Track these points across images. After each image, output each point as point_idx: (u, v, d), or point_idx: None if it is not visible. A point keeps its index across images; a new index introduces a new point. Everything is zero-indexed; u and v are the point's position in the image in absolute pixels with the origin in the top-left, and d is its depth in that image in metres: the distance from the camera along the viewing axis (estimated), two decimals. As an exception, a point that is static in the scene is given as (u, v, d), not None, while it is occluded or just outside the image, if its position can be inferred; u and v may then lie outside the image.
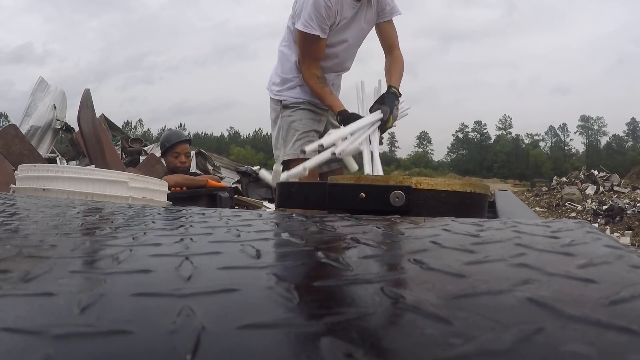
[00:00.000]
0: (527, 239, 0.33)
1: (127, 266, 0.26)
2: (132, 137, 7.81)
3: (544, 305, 0.19)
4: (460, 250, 0.30)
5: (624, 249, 0.29)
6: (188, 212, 0.52)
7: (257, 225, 0.42)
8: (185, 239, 0.35)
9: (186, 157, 3.37)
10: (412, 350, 0.15)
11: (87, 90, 2.75)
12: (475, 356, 0.15)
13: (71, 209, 0.57)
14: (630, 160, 51.52)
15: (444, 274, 0.24)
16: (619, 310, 0.18)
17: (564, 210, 10.87)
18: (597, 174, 16.21)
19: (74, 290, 0.22)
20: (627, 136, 71.52)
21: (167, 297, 0.21)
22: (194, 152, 7.02)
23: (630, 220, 8.54)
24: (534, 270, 0.24)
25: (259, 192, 6.91)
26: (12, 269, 0.26)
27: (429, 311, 0.18)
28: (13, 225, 0.42)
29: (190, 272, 0.25)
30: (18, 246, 0.32)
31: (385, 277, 0.24)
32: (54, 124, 5.80)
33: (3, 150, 2.78)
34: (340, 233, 0.38)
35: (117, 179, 1.38)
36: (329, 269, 0.26)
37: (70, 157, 6.27)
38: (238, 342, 0.16)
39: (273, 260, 0.29)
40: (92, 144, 2.62)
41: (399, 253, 0.31)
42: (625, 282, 0.22)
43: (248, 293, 0.21)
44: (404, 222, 0.43)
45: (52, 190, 1.31)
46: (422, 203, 0.75)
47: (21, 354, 0.15)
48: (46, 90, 5.90)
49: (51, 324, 0.17)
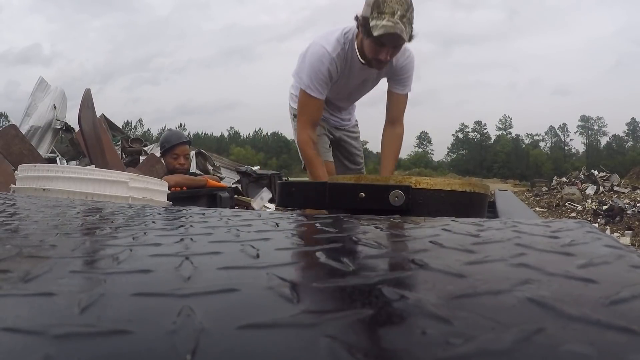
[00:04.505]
0: (527, 239, 0.33)
1: (127, 266, 0.26)
2: (132, 137, 7.81)
3: (544, 305, 0.19)
4: (460, 250, 0.30)
5: (624, 249, 0.29)
6: (188, 212, 0.52)
7: (257, 225, 0.42)
8: (185, 239, 0.35)
9: (185, 159, 3.36)
10: (412, 350, 0.15)
11: (88, 90, 2.75)
12: (475, 356, 0.15)
13: (71, 209, 0.57)
14: (630, 160, 51.55)
15: (444, 274, 0.24)
16: (619, 310, 0.18)
17: (564, 211, 10.87)
18: (597, 174, 16.21)
19: (74, 290, 0.22)
20: (627, 136, 71.59)
21: (167, 297, 0.21)
22: (194, 152, 7.02)
23: (630, 220, 8.53)
24: (534, 270, 0.24)
25: (259, 192, 6.91)
26: (12, 269, 0.26)
27: (429, 311, 0.18)
28: (13, 225, 0.42)
29: (190, 272, 0.25)
30: (18, 246, 0.32)
31: (385, 277, 0.24)
32: (54, 124, 5.80)
33: (3, 150, 2.78)
34: (340, 233, 0.38)
35: (117, 179, 1.38)
36: (329, 268, 0.26)
37: (70, 157, 6.27)
38: (238, 342, 0.16)
39: (273, 260, 0.29)
40: (92, 144, 2.62)
41: (399, 253, 0.31)
42: (625, 282, 0.22)
43: (248, 293, 0.21)
44: (403, 222, 0.43)
45: (52, 190, 1.31)
46: (421, 203, 0.75)
47: (21, 354, 0.15)
48: (46, 90, 5.90)
49: (51, 324, 0.17)
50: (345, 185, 0.78)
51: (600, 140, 72.47)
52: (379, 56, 1.90)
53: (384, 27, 1.78)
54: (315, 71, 1.97)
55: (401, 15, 1.78)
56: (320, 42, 2.00)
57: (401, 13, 1.78)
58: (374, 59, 1.93)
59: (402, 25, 1.78)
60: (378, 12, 1.79)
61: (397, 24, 1.78)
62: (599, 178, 15.32)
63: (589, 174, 16.29)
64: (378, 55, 1.89)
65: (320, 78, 1.97)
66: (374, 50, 1.89)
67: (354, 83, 2.13)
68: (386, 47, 1.86)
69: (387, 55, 1.90)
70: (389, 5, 1.78)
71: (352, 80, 2.10)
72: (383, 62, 1.94)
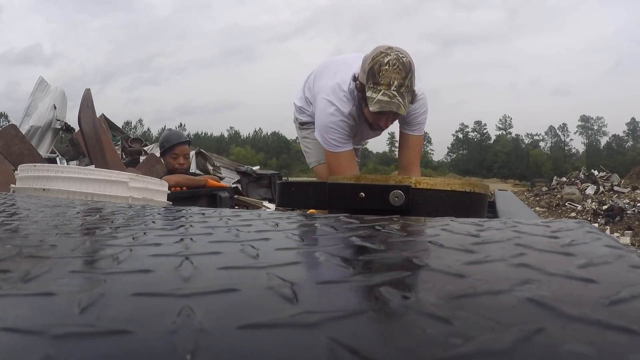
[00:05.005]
0: (527, 239, 0.33)
1: (127, 266, 0.26)
2: (132, 137, 7.81)
3: (544, 305, 0.19)
4: (460, 250, 0.30)
5: (624, 249, 0.29)
6: (188, 212, 0.52)
7: (257, 225, 0.42)
8: (185, 239, 0.35)
9: (185, 159, 3.36)
10: (412, 350, 0.15)
11: (88, 90, 2.75)
12: (475, 356, 0.15)
13: (71, 209, 0.57)
14: (630, 160, 51.57)
15: (444, 274, 0.24)
16: (619, 310, 0.18)
17: (564, 210, 10.87)
18: (597, 174, 16.21)
19: (74, 290, 0.22)
20: (627, 136, 71.65)
21: (167, 297, 0.21)
22: (194, 152, 7.03)
23: (630, 220, 8.53)
24: (534, 270, 0.24)
25: (259, 192, 6.92)
26: (12, 269, 0.26)
27: (429, 311, 0.18)
28: (13, 225, 0.42)
29: (190, 272, 0.24)
30: (18, 246, 0.32)
31: (385, 277, 0.24)
32: (54, 124, 5.80)
33: (3, 150, 2.78)
34: (339, 233, 0.38)
35: (117, 179, 1.38)
36: (329, 268, 0.26)
37: (70, 157, 6.27)
38: (238, 342, 0.16)
39: (273, 260, 0.29)
40: (92, 144, 2.62)
41: (398, 253, 0.31)
42: (625, 282, 0.22)
43: (248, 293, 0.21)
44: (403, 222, 0.43)
45: (52, 190, 1.31)
46: (421, 203, 0.75)
47: (21, 354, 0.15)
48: (46, 90, 5.89)
49: (51, 324, 0.17)
50: (345, 185, 0.78)
51: (600, 140, 72.58)
52: (379, 123, 1.84)
53: (379, 102, 1.68)
54: (334, 128, 1.89)
55: (399, 85, 1.66)
56: (330, 99, 1.88)
57: (398, 83, 1.66)
58: (375, 124, 1.87)
59: (399, 98, 1.67)
60: (374, 83, 1.68)
61: (393, 97, 1.66)
62: (599, 178, 15.33)
63: (589, 174, 16.29)
64: (378, 122, 1.83)
65: (340, 133, 1.89)
66: (373, 118, 1.81)
67: (366, 132, 2.07)
68: (385, 115, 1.78)
69: (387, 122, 1.84)
70: (385, 75, 1.65)
71: (364, 131, 2.04)
72: (384, 128, 1.89)
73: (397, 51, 1.70)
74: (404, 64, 1.67)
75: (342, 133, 1.89)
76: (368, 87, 1.70)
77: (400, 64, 1.67)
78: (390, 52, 1.68)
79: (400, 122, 2.02)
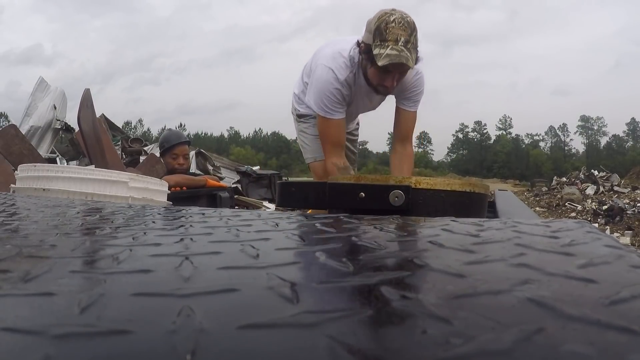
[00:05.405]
0: (527, 239, 0.33)
1: (127, 266, 0.26)
2: (132, 137, 7.81)
3: (544, 305, 0.19)
4: (460, 250, 0.30)
5: (624, 249, 0.29)
6: (188, 212, 0.52)
7: (257, 225, 0.42)
8: (185, 239, 0.35)
9: (184, 159, 3.37)
10: (412, 350, 0.15)
11: (87, 90, 2.75)
12: (475, 356, 0.15)
13: (71, 209, 0.57)
14: (630, 160, 51.59)
15: (444, 274, 0.24)
16: (619, 310, 0.18)
17: (564, 210, 10.86)
18: (597, 174, 16.21)
19: (74, 290, 0.22)
20: (627, 136, 71.67)
21: (167, 297, 0.21)
22: (194, 152, 7.03)
23: (630, 220, 8.53)
24: (534, 270, 0.24)
25: (259, 192, 6.92)
26: (12, 269, 0.26)
27: (429, 311, 0.18)
28: (13, 225, 0.42)
29: (190, 272, 0.24)
30: (18, 246, 0.32)
31: (385, 277, 0.24)
32: (54, 124, 5.80)
33: (3, 150, 2.78)
34: (339, 233, 0.38)
35: (117, 179, 1.38)
36: (329, 269, 0.26)
37: (70, 157, 6.27)
38: (238, 342, 0.16)
39: (273, 260, 0.29)
40: (92, 144, 2.62)
41: (398, 253, 0.31)
42: (625, 282, 0.22)
43: (248, 293, 0.21)
44: (403, 222, 0.43)
45: (52, 190, 1.31)
46: (421, 203, 0.75)
47: (21, 354, 0.15)
48: (46, 90, 5.89)
49: (51, 324, 0.17)
50: (345, 185, 0.78)
51: (600, 140, 72.61)
52: (385, 83, 1.85)
53: (388, 56, 1.72)
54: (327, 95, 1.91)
55: (405, 41, 1.71)
56: (329, 65, 1.92)
57: (405, 39, 1.71)
58: (380, 86, 1.88)
59: (407, 52, 1.72)
60: (381, 40, 1.72)
61: (402, 51, 1.71)
62: (599, 178, 15.32)
63: (589, 174, 16.29)
64: (384, 82, 1.85)
65: (334, 100, 1.92)
66: (379, 78, 1.83)
67: (362, 104, 2.10)
68: (392, 74, 1.81)
69: (393, 81, 1.85)
70: (392, 32, 1.71)
71: (360, 102, 2.06)
72: (390, 88, 1.90)
73: (401, 11, 1.78)
74: (409, 22, 1.75)
75: (336, 99, 1.92)
76: (375, 45, 1.75)
77: (405, 22, 1.74)
78: (395, 12, 1.76)
79: (398, 98, 2.08)
